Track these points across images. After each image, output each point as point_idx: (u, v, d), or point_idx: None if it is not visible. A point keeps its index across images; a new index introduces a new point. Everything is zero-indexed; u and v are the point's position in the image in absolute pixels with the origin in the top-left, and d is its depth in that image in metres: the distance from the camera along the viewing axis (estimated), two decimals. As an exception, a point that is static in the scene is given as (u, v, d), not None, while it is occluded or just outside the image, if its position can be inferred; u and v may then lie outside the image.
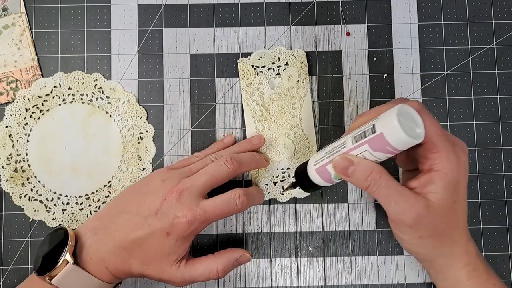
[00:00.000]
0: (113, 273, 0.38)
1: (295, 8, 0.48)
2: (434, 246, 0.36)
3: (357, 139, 0.34)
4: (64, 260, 0.36)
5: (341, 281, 0.45)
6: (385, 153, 0.33)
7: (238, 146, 0.44)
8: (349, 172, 0.35)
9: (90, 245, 0.37)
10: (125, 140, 0.46)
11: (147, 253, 0.38)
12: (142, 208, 0.38)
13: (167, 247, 0.38)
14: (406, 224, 0.35)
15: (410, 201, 0.34)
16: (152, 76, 0.47)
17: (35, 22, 0.47)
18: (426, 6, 0.48)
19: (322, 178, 0.38)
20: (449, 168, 0.34)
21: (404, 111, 0.33)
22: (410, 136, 0.31)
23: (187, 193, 0.38)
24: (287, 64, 0.46)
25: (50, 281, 0.36)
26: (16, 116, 0.46)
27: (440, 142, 0.34)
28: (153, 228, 0.37)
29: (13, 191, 0.45)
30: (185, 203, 0.38)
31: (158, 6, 0.47)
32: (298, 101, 0.46)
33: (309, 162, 0.39)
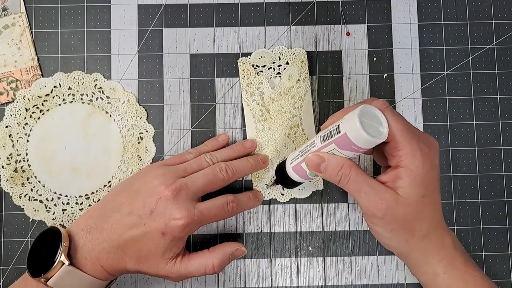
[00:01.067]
0: (108, 271, 0.38)
1: (295, 8, 0.48)
2: (406, 239, 0.36)
3: (324, 139, 0.36)
4: (59, 262, 0.36)
5: (341, 281, 0.45)
6: (352, 151, 0.35)
7: (231, 150, 0.44)
8: (322, 168, 0.36)
9: (84, 244, 0.37)
10: (125, 140, 0.46)
11: (142, 252, 0.38)
12: (136, 206, 0.38)
13: (162, 246, 0.38)
14: (377, 216, 0.35)
15: (380, 194, 0.35)
16: (152, 76, 0.47)
17: (35, 22, 0.47)
18: (426, 6, 0.48)
19: (299, 175, 0.40)
20: (414, 164, 0.34)
21: (367, 111, 0.34)
22: (372, 136, 0.33)
23: (184, 194, 0.38)
24: (288, 63, 0.46)
25: (46, 282, 0.36)
26: (16, 116, 0.46)
27: (403, 139, 0.34)
28: (148, 228, 0.37)
29: (13, 191, 0.45)
30: (182, 204, 0.38)
31: (158, 6, 0.47)
32: (298, 101, 0.46)
33: (286, 161, 0.41)
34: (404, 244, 0.37)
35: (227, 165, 0.41)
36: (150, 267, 0.38)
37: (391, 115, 0.35)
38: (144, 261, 0.38)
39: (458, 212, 0.46)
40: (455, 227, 0.46)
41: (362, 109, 0.33)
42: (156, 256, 0.38)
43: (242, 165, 0.43)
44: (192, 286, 0.45)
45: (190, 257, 0.40)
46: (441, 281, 0.37)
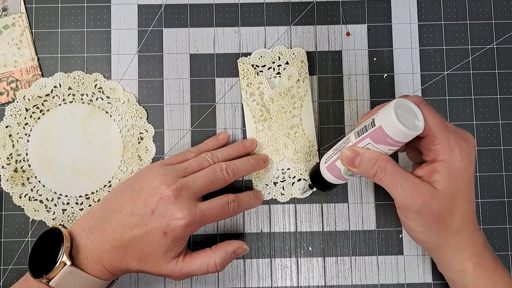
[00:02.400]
0: (110, 271, 0.38)
1: (295, 8, 0.48)
2: (438, 234, 0.36)
3: (359, 134, 0.36)
4: (61, 262, 0.36)
5: (341, 281, 0.45)
6: (387, 145, 0.34)
7: (232, 149, 0.44)
8: (356, 162, 0.36)
9: (86, 244, 0.37)
10: (125, 140, 0.46)
11: (143, 251, 0.38)
12: (137, 206, 0.38)
13: (164, 246, 0.38)
14: (413, 210, 0.35)
15: (416, 187, 0.35)
16: (152, 76, 0.47)
17: (35, 22, 0.47)
18: (426, 6, 0.48)
19: (333, 175, 0.40)
20: (451, 159, 0.34)
21: (402, 104, 0.34)
22: (408, 128, 0.32)
23: (185, 193, 0.38)
24: (287, 63, 0.46)
25: (48, 283, 0.36)
26: (16, 116, 0.46)
27: (441, 133, 0.34)
28: (149, 228, 0.37)
29: (13, 191, 0.45)
30: (183, 204, 0.38)
31: (158, 6, 0.47)
32: (298, 101, 0.46)
33: (321, 161, 0.41)
34: (436, 239, 0.37)
35: (228, 164, 0.41)
36: (152, 267, 0.38)
37: (427, 109, 0.35)
38: (146, 261, 0.38)
39: (458, 212, 0.46)
40: (455, 227, 0.46)
41: (397, 102, 0.33)
42: (158, 256, 0.38)
43: (242, 164, 0.43)
44: (192, 286, 0.45)
45: (192, 256, 0.40)
46: (470, 278, 0.37)
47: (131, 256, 0.38)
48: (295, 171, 0.45)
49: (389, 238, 0.46)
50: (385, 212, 0.46)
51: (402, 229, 0.46)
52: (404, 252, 0.45)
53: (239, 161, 0.43)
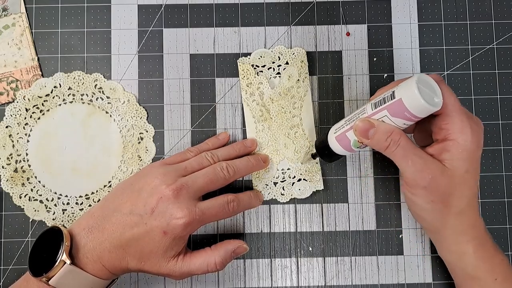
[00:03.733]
0: (110, 270, 0.38)
1: (295, 8, 0.48)
2: (442, 213, 0.37)
3: (376, 105, 0.36)
4: (61, 261, 0.36)
5: (341, 281, 0.45)
6: (404, 119, 0.35)
7: (232, 148, 0.44)
8: (370, 134, 0.36)
9: (86, 244, 0.37)
10: (125, 140, 0.46)
11: (143, 251, 0.38)
12: (137, 206, 0.38)
13: (164, 245, 0.38)
14: (420, 186, 0.36)
15: (427, 163, 0.35)
16: (152, 76, 0.47)
17: (35, 22, 0.47)
18: (426, 6, 0.48)
19: (342, 146, 0.40)
20: (463, 138, 0.35)
21: (423, 79, 0.34)
22: (428, 103, 0.33)
23: (185, 193, 0.38)
24: (287, 63, 0.46)
25: (47, 282, 0.36)
26: (16, 116, 0.46)
27: (456, 114, 0.35)
28: (149, 227, 0.37)
29: (13, 191, 0.45)
30: (183, 203, 0.38)
31: (158, 6, 0.47)
32: (298, 101, 0.46)
33: (330, 131, 0.41)
34: (439, 218, 0.37)
35: (228, 164, 0.41)
36: (152, 266, 0.38)
37: (445, 88, 0.35)
38: (146, 260, 0.38)
39: (458, 212, 0.46)
40: (455, 227, 0.46)
41: (419, 77, 0.34)
42: (158, 255, 0.38)
43: (243, 164, 0.43)
44: (193, 286, 0.45)
45: (192, 255, 0.40)
46: (469, 261, 0.37)
47: (131, 256, 0.38)
48: (295, 171, 0.45)
49: (389, 238, 0.46)
50: (385, 212, 0.46)
51: (402, 229, 0.46)
52: (404, 252, 0.45)
53: (239, 160, 0.43)
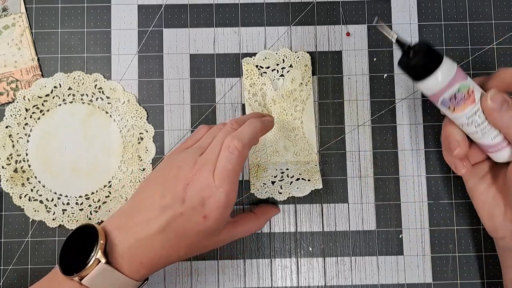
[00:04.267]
0: (148, 268, 0.36)
1: (295, 8, 0.48)
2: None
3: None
4: (96, 260, 0.34)
5: (341, 281, 0.45)
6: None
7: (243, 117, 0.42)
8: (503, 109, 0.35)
9: (120, 242, 0.35)
10: (125, 140, 0.46)
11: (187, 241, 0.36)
12: (167, 199, 0.36)
13: (209, 228, 0.36)
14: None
15: None
16: (152, 76, 0.47)
17: (35, 22, 0.47)
18: (426, 6, 0.48)
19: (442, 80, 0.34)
20: None
21: None
22: None
23: (206, 171, 0.36)
24: (291, 66, 0.46)
25: (80, 281, 0.34)
26: (16, 116, 0.46)
27: None
28: (187, 216, 0.36)
29: (13, 191, 0.45)
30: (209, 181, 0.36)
31: (158, 6, 0.47)
32: (300, 104, 0.46)
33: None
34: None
35: (234, 136, 0.38)
36: (199, 249, 0.38)
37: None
38: (191, 248, 0.37)
39: (458, 212, 0.46)
40: (455, 227, 0.46)
41: None
42: (205, 239, 0.37)
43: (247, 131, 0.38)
44: (192, 286, 0.45)
45: (236, 223, 0.40)
46: None
47: (174, 249, 0.36)
48: (294, 170, 0.45)
49: (389, 238, 0.46)
50: (385, 212, 0.46)
51: (402, 229, 0.46)
52: (404, 252, 0.45)
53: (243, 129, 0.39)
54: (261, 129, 0.39)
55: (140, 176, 0.46)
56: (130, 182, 0.46)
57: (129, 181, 0.46)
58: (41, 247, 0.45)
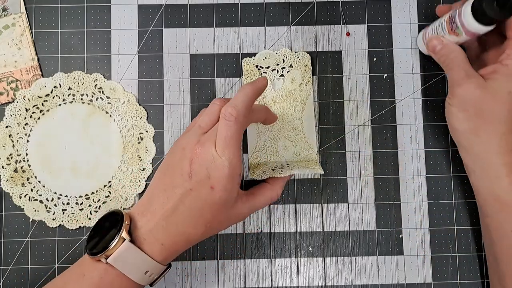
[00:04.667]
0: (169, 250, 0.37)
1: (295, 8, 0.48)
2: (476, 125, 0.39)
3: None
4: (121, 238, 0.35)
5: (341, 281, 0.45)
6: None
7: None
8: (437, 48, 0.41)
9: (141, 226, 0.37)
10: (125, 140, 0.46)
11: (203, 215, 0.37)
12: (176, 179, 0.37)
13: (220, 199, 0.37)
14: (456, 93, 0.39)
15: (469, 75, 0.39)
16: (152, 76, 0.47)
17: (35, 22, 0.47)
18: (426, 6, 0.48)
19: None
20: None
21: None
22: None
23: (209, 144, 0.37)
24: (291, 66, 0.46)
25: (106, 260, 0.35)
26: (16, 116, 0.46)
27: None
28: (197, 191, 0.37)
29: (13, 191, 0.45)
30: (213, 153, 0.37)
31: (158, 6, 0.47)
32: (300, 104, 0.46)
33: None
34: (472, 130, 0.39)
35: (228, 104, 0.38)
36: (219, 223, 0.39)
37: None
38: (208, 225, 0.38)
39: (458, 212, 0.46)
40: (455, 227, 0.46)
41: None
42: (220, 211, 0.38)
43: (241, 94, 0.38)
44: (192, 286, 0.45)
45: (252, 194, 0.41)
46: (502, 185, 0.38)
47: (192, 225, 0.37)
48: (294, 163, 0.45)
49: (389, 238, 0.46)
50: (385, 212, 0.46)
51: (402, 229, 0.46)
52: (404, 252, 0.45)
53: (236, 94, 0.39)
54: (253, 91, 0.39)
55: (140, 176, 0.46)
56: (130, 182, 0.46)
57: (129, 181, 0.46)
58: (41, 247, 0.45)
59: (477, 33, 0.39)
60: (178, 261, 0.45)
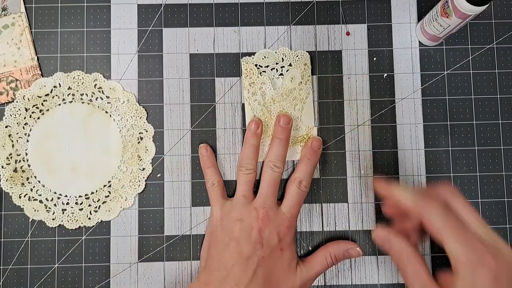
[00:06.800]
0: None
1: (295, 7, 0.48)
2: None
3: None
4: None
5: (341, 281, 0.45)
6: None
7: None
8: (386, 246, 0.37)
9: None
10: (125, 140, 0.46)
11: (272, 280, 0.40)
12: (246, 250, 0.40)
13: (286, 259, 0.41)
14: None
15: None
16: (152, 76, 0.47)
17: (35, 22, 0.47)
18: (426, 6, 0.48)
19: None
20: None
21: None
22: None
23: (271, 212, 0.42)
24: (291, 65, 0.46)
25: None
26: (16, 116, 0.45)
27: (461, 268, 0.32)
28: (268, 257, 0.40)
29: (13, 191, 0.45)
30: (276, 219, 0.41)
31: (158, 6, 0.47)
32: (299, 103, 0.46)
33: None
34: None
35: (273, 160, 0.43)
36: (287, 287, 0.40)
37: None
38: (280, 285, 0.40)
39: (458, 212, 0.46)
40: (455, 227, 0.46)
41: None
42: (286, 273, 0.40)
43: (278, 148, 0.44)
44: None
45: (308, 258, 0.43)
46: None
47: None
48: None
49: (389, 238, 0.46)
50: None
51: (402, 229, 0.46)
52: (404, 252, 0.45)
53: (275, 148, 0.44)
54: (314, 166, 0.45)
55: (140, 175, 0.46)
56: (129, 182, 0.45)
57: (128, 181, 0.45)
58: (40, 247, 0.45)
59: (467, 14, 0.40)
60: (178, 261, 0.45)
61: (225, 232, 0.41)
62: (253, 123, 0.45)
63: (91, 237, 0.45)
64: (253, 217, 0.41)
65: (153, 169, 0.46)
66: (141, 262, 0.45)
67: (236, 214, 0.42)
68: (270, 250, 0.40)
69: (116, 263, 0.45)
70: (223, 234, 0.41)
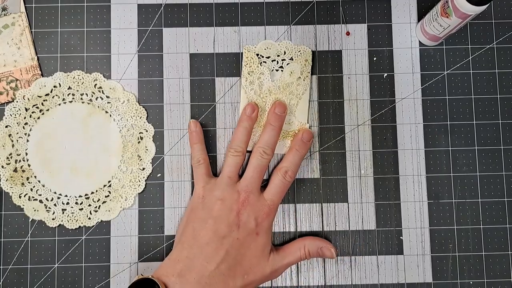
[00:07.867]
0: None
1: (295, 7, 0.48)
2: None
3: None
4: None
5: (341, 281, 0.45)
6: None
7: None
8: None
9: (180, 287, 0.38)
10: (125, 139, 0.46)
11: (243, 263, 0.40)
12: (223, 230, 0.40)
13: (260, 244, 0.41)
14: None
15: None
16: (152, 76, 0.47)
17: (35, 21, 0.47)
18: (426, 6, 0.48)
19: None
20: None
21: None
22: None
23: (252, 196, 0.42)
24: (292, 59, 0.46)
25: None
26: (16, 115, 0.45)
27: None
28: (243, 239, 0.40)
29: (13, 191, 0.45)
30: (256, 203, 0.42)
31: (158, 6, 0.47)
32: (295, 98, 0.46)
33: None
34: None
35: (262, 146, 0.43)
36: (257, 272, 0.41)
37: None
38: (249, 271, 0.40)
39: (458, 212, 0.46)
40: (455, 227, 0.46)
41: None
42: (258, 257, 0.41)
43: (269, 135, 0.44)
44: (192, 286, 0.45)
45: (283, 247, 0.44)
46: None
47: (232, 276, 0.39)
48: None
49: (389, 238, 0.46)
50: (385, 212, 0.46)
51: (402, 229, 0.46)
52: (404, 252, 0.45)
53: (265, 134, 0.44)
54: (302, 157, 0.45)
55: (140, 175, 0.46)
56: (129, 182, 0.45)
57: (128, 181, 0.45)
58: (40, 246, 0.45)
59: (467, 14, 0.40)
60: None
61: (205, 210, 0.41)
62: (249, 106, 0.45)
63: (91, 237, 0.45)
64: (234, 199, 0.41)
65: (153, 169, 0.46)
66: (141, 262, 0.45)
67: (218, 193, 0.42)
68: (246, 233, 0.41)
69: (116, 263, 0.45)
70: (203, 212, 0.41)
